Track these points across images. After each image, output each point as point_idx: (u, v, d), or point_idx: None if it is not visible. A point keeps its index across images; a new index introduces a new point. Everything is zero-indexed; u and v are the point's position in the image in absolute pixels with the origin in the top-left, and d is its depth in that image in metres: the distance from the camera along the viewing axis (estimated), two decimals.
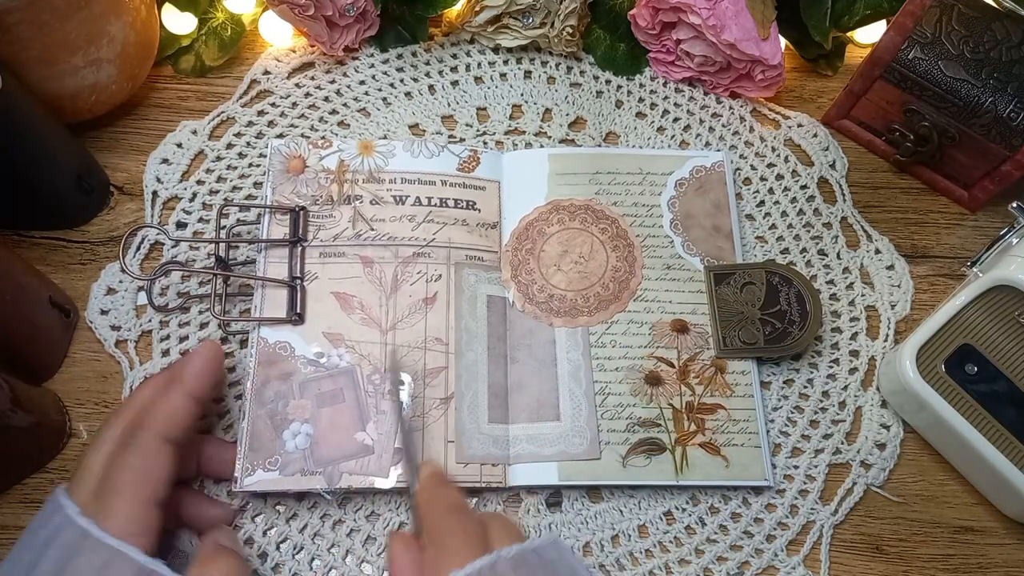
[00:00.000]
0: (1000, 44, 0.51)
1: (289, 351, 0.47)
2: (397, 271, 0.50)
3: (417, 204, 0.52)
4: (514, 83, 0.60)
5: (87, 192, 0.52)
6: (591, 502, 0.47)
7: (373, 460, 0.45)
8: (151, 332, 0.50)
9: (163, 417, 0.40)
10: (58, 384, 0.48)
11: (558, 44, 0.59)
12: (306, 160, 0.53)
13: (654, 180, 0.55)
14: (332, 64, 0.59)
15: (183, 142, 0.55)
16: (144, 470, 0.38)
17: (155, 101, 0.57)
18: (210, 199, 0.54)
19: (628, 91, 0.60)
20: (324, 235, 0.51)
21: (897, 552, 0.47)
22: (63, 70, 0.48)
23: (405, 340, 0.48)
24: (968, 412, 0.45)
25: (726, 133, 0.59)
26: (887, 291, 0.54)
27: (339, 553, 0.45)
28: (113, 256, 0.52)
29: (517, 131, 0.58)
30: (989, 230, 0.56)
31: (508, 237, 0.53)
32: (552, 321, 0.50)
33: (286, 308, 0.48)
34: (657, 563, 0.46)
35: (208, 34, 0.58)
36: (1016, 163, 0.51)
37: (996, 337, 0.47)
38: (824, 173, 0.58)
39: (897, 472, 0.49)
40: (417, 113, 0.58)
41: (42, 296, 0.47)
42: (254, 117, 0.57)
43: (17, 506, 0.45)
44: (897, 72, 0.53)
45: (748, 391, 0.49)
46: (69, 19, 0.46)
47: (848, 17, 0.57)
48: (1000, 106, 0.50)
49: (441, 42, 0.61)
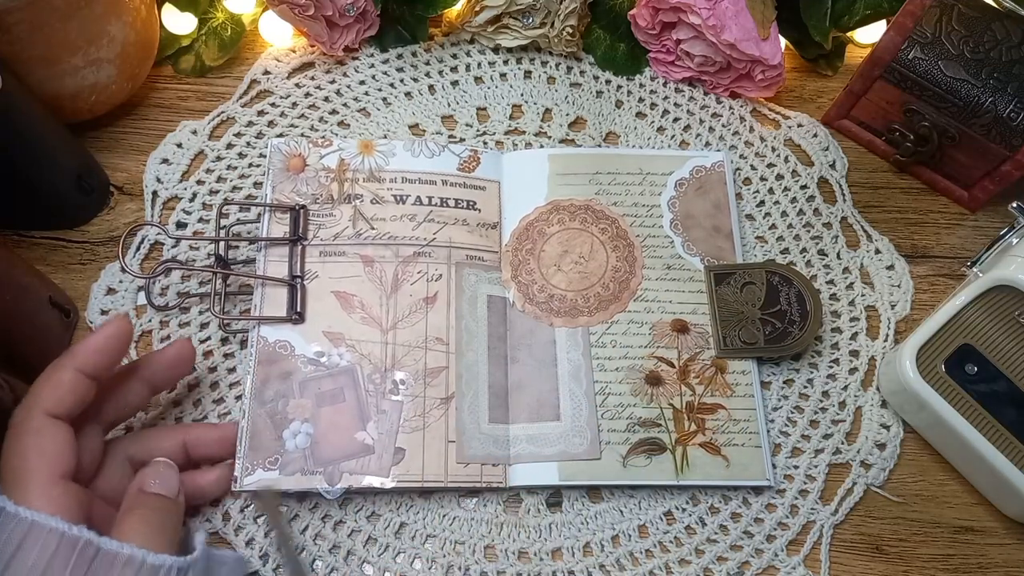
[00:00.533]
0: (1000, 44, 0.51)
1: (289, 350, 0.47)
2: (397, 270, 0.50)
3: (417, 204, 0.52)
4: (514, 83, 0.60)
5: (87, 192, 0.52)
6: (591, 502, 0.47)
7: (374, 460, 0.45)
8: (151, 332, 0.50)
9: (46, 392, 0.39)
10: None
11: (558, 44, 0.59)
12: (306, 159, 0.53)
13: (654, 180, 0.55)
14: (332, 64, 0.59)
15: (183, 142, 0.55)
16: (38, 448, 0.37)
17: (155, 101, 0.57)
18: (210, 199, 0.54)
19: (628, 91, 0.60)
20: (324, 234, 0.51)
21: (897, 552, 0.47)
22: (63, 70, 0.48)
23: (405, 340, 0.48)
24: (968, 412, 0.45)
25: (726, 133, 0.59)
26: (887, 291, 0.54)
27: (340, 554, 0.45)
28: (113, 256, 0.52)
29: (517, 131, 0.58)
30: (989, 230, 0.56)
31: (508, 237, 0.53)
32: (552, 321, 0.50)
33: (286, 307, 0.48)
34: (657, 563, 0.46)
35: (208, 34, 0.58)
36: (1016, 163, 0.51)
37: (996, 337, 0.47)
38: (824, 173, 0.58)
39: (897, 472, 0.49)
40: (417, 113, 0.58)
41: (42, 296, 0.47)
42: (254, 117, 0.57)
43: None
44: (897, 72, 0.53)
45: (748, 391, 0.49)
46: (69, 19, 0.46)
47: (848, 17, 0.57)
48: (1000, 106, 0.50)
49: (441, 42, 0.61)
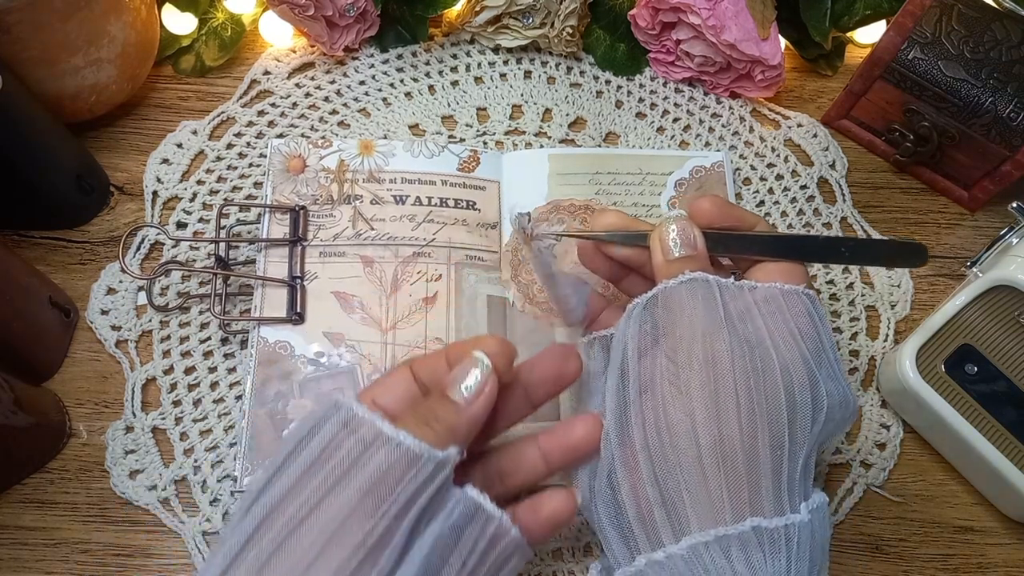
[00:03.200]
0: (1000, 44, 0.51)
1: (289, 351, 0.47)
2: (397, 271, 0.50)
3: (417, 204, 0.52)
4: (514, 83, 0.60)
5: (87, 192, 0.52)
6: None
7: None
8: (151, 332, 0.50)
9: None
10: (58, 384, 0.48)
11: (558, 44, 0.59)
12: (306, 160, 0.53)
13: (654, 180, 0.55)
14: (332, 64, 0.59)
15: (183, 142, 0.55)
16: None
17: (155, 101, 0.57)
18: (210, 199, 0.54)
19: (628, 91, 0.60)
20: (324, 235, 0.51)
21: (897, 552, 0.47)
22: (63, 70, 0.48)
23: (405, 340, 0.48)
24: (968, 412, 0.45)
25: (726, 133, 0.59)
26: (887, 291, 0.54)
27: None
28: (113, 256, 0.52)
29: (517, 131, 0.58)
30: (989, 230, 0.56)
31: (508, 237, 0.53)
32: (553, 321, 0.50)
33: (286, 308, 0.48)
34: None
35: (208, 34, 0.58)
36: (1016, 163, 0.51)
37: (996, 337, 0.47)
38: (824, 173, 0.58)
39: (897, 472, 0.49)
40: (417, 113, 0.58)
41: (42, 296, 0.47)
42: (254, 117, 0.57)
43: (17, 506, 0.45)
44: (897, 72, 0.53)
45: None
46: (69, 19, 0.46)
47: (848, 17, 0.57)
48: (1000, 106, 0.50)
49: (441, 42, 0.61)
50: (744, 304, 0.36)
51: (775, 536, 0.33)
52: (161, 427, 0.47)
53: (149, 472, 0.46)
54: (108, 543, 0.45)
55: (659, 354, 0.36)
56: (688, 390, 0.34)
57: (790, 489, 0.34)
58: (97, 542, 0.45)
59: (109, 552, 0.44)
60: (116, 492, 0.45)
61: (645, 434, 0.35)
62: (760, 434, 0.33)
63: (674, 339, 0.35)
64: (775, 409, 0.34)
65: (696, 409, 0.34)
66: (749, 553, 0.32)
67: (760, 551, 0.32)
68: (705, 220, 0.39)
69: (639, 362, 0.36)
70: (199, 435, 0.47)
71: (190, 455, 0.47)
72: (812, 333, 0.36)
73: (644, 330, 0.37)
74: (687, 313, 0.36)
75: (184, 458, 0.46)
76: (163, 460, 0.46)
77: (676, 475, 0.34)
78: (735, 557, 0.32)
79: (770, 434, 0.33)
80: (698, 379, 0.34)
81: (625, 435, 0.36)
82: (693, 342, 0.35)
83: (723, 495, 0.33)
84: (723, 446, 0.33)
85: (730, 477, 0.33)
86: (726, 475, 0.33)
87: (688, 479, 0.33)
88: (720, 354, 0.34)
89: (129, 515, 0.45)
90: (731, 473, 0.33)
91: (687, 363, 0.34)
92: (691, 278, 0.36)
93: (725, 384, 0.34)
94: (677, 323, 0.36)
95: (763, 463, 0.33)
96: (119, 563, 0.44)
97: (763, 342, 0.35)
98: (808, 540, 0.33)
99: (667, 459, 0.34)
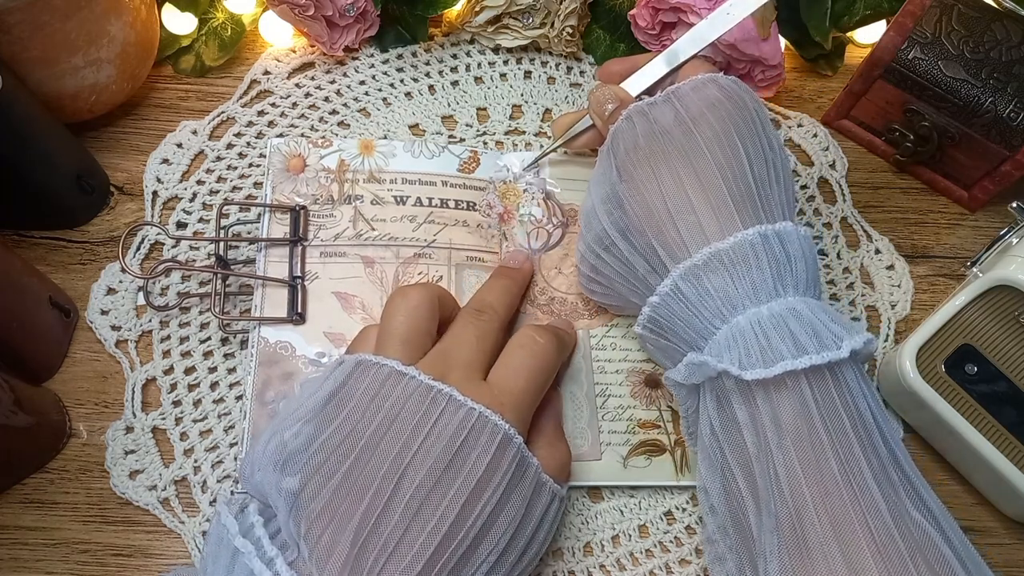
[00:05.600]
0: (1000, 44, 0.51)
1: (290, 351, 0.47)
2: (398, 271, 0.50)
3: (418, 205, 0.52)
4: (514, 83, 0.60)
5: (87, 192, 0.52)
6: (592, 502, 0.47)
7: None
8: (151, 332, 0.50)
9: None
10: (58, 384, 0.48)
11: (558, 44, 0.59)
12: (306, 159, 0.53)
13: None
14: (332, 64, 0.59)
15: (183, 142, 0.55)
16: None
17: (155, 101, 0.57)
18: (210, 199, 0.54)
19: None
20: (325, 235, 0.51)
21: None
22: (63, 70, 0.48)
23: None
24: (968, 412, 0.45)
25: None
26: (887, 291, 0.54)
27: None
28: (113, 256, 0.52)
29: (517, 131, 0.58)
30: (989, 230, 0.56)
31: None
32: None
33: (287, 308, 0.48)
34: (657, 563, 0.46)
35: (208, 34, 0.58)
36: (1016, 163, 0.51)
37: (996, 337, 0.47)
38: (824, 173, 0.58)
39: None
40: (417, 113, 0.58)
41: (42, 296, 0.47)
42: (254, 117, 0.57)
43: (17, 506, 0.45)
44: (897, 72, 0.53)
45: None
46: (69, 19, 0.46)
47: (848, 17, 0.57)
48: (1000, 106, 0.50)
49: (441, 42, 0.61)
50: (671, 108, 0.43)
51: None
52: (161, 427, 0.47)
53: (149, 472, 0.46)
54: (108, 543, 0.45)
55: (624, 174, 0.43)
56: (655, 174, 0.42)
57: (773, 207, 0.41)
58: (97, 542, 0.45)
59: (109, 552, 0.44)
60: (116, 492, 0.45)
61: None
62: (730, 168, 0.41)
63: (634, 151, 0.43)
64: (732, 146, 0.41)
65: (665, 179, 0.41)
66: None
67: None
68: (616, 78, 0.48)
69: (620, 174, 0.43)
70: (199, 435, 0.47)
71: (190, 455, 0.47)
72: (733, 93, 0.43)
73: (609, 163, 0.44)
74: (631, 133, 0.43)
75: (184, 458, 0.46)
76: (163, 460, 0.46)
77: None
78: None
79: (740, 165, 0.41)
80: (659, 161, 0.42)
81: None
82: (651, 145, 0.43)
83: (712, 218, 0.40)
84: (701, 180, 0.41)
85: (714, 203, 0.40)
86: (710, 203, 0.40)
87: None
88: (672, 134, 0.42)
89: (129, 515, 0.45)
90: (715, 200, 0.40)
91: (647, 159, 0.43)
92: (625, 115, 0.44)
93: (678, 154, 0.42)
94: (627, 141, 0.44)
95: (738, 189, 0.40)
96: (119, 563, 0.44)
97: (698, 118, 0.42)
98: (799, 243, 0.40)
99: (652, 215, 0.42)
